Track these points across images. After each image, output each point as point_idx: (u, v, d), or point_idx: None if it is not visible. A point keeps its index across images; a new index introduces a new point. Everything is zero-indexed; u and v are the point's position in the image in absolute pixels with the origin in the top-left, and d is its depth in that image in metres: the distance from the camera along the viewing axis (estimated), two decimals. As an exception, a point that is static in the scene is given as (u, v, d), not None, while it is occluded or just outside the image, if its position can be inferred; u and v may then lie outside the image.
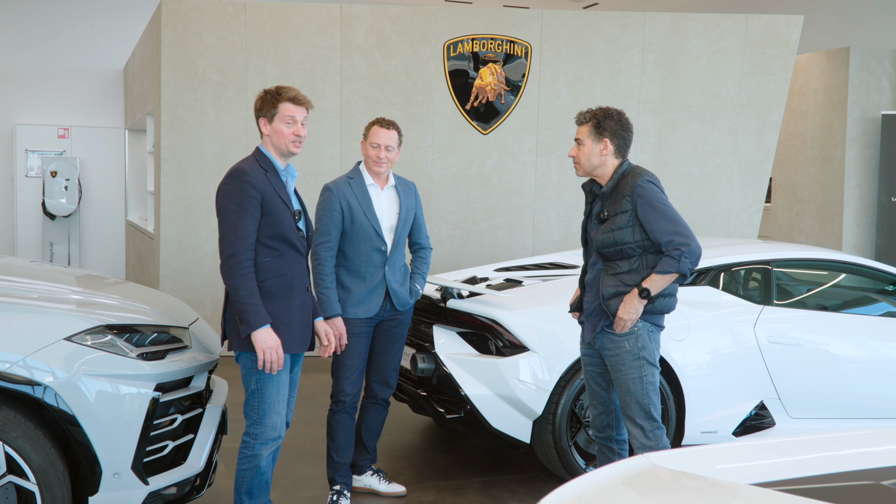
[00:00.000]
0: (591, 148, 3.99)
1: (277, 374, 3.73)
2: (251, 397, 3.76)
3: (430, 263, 4.81)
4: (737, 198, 8.90)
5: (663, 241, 3.82)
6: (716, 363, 5.10)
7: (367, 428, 4.75)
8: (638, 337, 3.92)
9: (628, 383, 3.94)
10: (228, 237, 3.63)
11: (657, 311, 3.94)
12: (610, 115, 4.00)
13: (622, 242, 3.90)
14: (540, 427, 4.82)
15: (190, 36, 8.00)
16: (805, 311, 5.50)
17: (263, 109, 3.75)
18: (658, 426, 3.95)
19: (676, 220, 3.85)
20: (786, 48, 8.75)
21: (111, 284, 4.58)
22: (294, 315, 3.77)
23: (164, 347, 3.76)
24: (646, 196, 3.87)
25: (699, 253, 3.86)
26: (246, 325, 3.61)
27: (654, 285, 3.84)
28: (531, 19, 8.54)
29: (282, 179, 3.78)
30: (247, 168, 3.69)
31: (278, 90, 3.75)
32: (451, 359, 4.89)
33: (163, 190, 8.13)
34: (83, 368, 3.44)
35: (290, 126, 3.74)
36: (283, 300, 3.73)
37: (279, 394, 3.75)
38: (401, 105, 8.37)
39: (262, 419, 3.74)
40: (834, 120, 10.79)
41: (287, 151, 3.76)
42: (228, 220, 3.64)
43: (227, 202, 3.65)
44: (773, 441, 2.34)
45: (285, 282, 3.74)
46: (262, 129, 3.77)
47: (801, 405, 5.29)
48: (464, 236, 8.61)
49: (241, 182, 3.65)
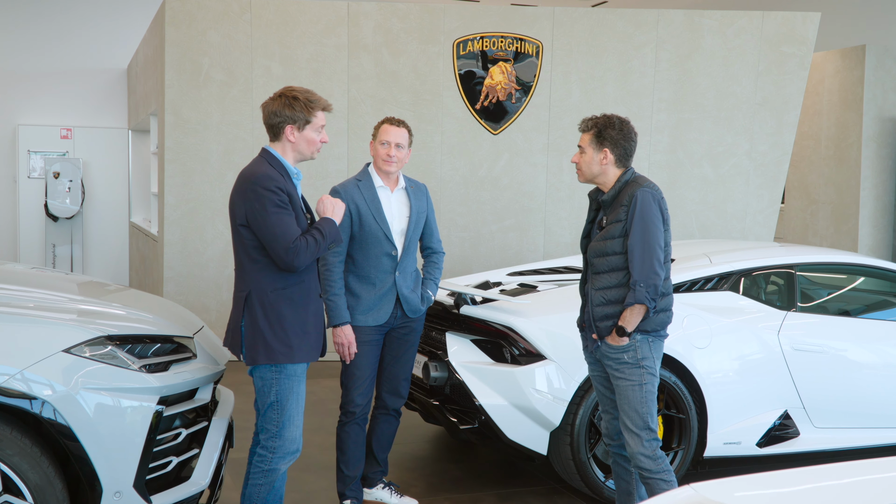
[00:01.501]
0: (591, 156, 3.94)
1: (297, 386, 3.61)
2: (269, 409, 3.61)
3: (442, 269, 4.64)
4: (752, 199, 8.72)
5: (633, 275, 3.77)
6: (739, 371, 4.93)
7: (378, 440, 4.58)
8: (637, 348, 3.86)
9: (627, 390, 3.86)
10: (282, 235, 3.46)
11: (653, 328, 3.86)
12: (612, 123, 3.92)
13: (612, 252, 3.85)
14: (557, 438, 4.66)
15: (194, 34, 7.85)
16: (830, 317, 5.33)
17: (294, 117, 3.58)
18: (655, 437, 3.86)
19: (653, 256, 3.76)
20: (802, 46, 8.58)
21: (113, 292, 4.42)
22: (310, 323, 3.64)
23: (168, 358, 3.61)
24: (641, 210, 3.79)
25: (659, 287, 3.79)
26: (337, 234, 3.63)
27: (627, 322, 3.80)
28: (542, 17, 8.37)
29: (294, 183, 3.65)
30: (272, 174, 3.54)
31: (309, 98, 3.60)
32: (464, 367, 4.73)
33: (167, 191, 7.98)
34: (82, 381, 3.28)
35: (319, 134, 3.65)
36: (301, 307, 3.60)
37: (299, 405, 3.63)
38: (409, 105, 8.21)
39: (281, 432, 3.60)
40: (849, 119, 10.61)
41: (310, 157, 3.69)
42: (273, 221, 3.48)
43: (265, 205, 3.48)
44: (826, 467, 2.16)
45: (303, 288, 3.61)
46: (288, 136, 3.60)
47: (826, 414, 5.12)
48: (473, 239, 8.45)
49: (270, 187, 3.50)
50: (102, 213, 12.25)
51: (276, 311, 3.55)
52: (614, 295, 3.85)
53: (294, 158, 3.65)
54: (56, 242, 11.94)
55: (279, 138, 3.62)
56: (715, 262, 5.26)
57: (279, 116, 3.59)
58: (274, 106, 3.60)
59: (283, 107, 3.58)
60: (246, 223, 3.53)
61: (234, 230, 3.60)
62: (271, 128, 3.63)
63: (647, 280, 3.74)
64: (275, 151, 3.63)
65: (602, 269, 3.89)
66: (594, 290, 3.92)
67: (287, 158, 3.63)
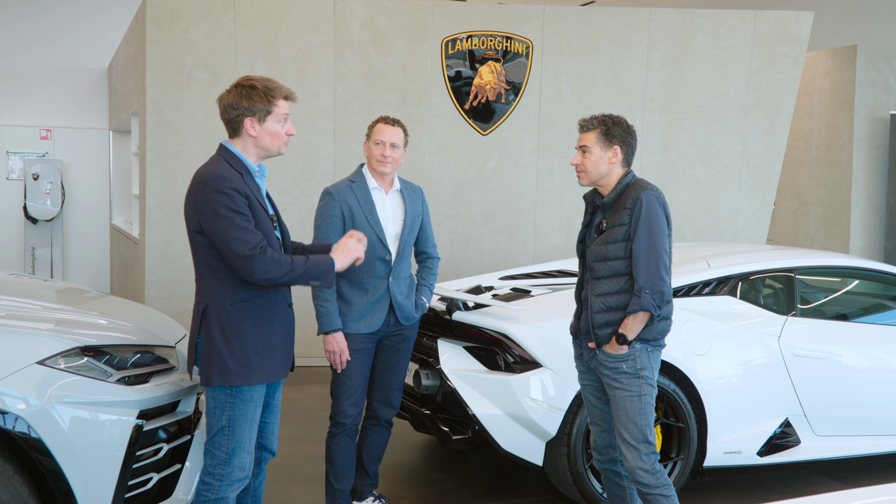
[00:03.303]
0: (599, 156, 3.77)
1: (253, 411, 3.28)
2: (219, 434, 3.25)
3: (437, 275, 4.48)
4: (745, 200, 8.61)
5: (638, 281, 3.63)
6: (739, 378, 4.80)
7: (369, 451, 4.42)
8: (636, 357, 3.71)
9: (625, 401, 3.70)
10: (239, 240, 3.11)
11: (652, 337, 3.72)
12: (619, 122, 3.80)
13: (614, 257, 3.70)
14: (554, 449, 4.51)
15: (176, 32, 7.66)
16: (830, 322, 5.22)
17: (253, 108, 3.24)
18: (653, 451, 3.71)
19: (659, 261, 3.63)
20: (796, 45, 8.47)
21: (91, 299, 4.24)
22: (276, 338, 3.31)
23: (148, 370, 3.44)
24: (647, 214, 3.65)
25: (667, 295, 3.66)
26: (326, 276, 3.26)
27: (629, 330, 3.66)
28: (532, 16, 8.23)
29: (257, 182, 3.32)
30: (226, 174, 3.18)
31: (268, 86, 3.26)
32: (457, 375, 4.58)
33: (148, 193, 7.78)
34: (57, 395, 3.11)
35: (283, 125, 3.30)
36: (265, 321, 3.27)
37: (251, 431, 3.29)
38: (397, 105, 8.05)
39: (231, 459, 3.26)
40: (840, 120, 10.52)
41: (277, 153, 3.34)
42: (229, 225, 3.12)
43: (219, 209, 3.13)
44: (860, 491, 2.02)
45: (268, 300, 3.28)
46: (248, 130, 3.26)
47: (827, 422, 5.01)
48: (462, 241, 8.30)
49: (226, 189, 3.15)
50: (83, 216, 12.03)
51: (235, 327, 3.22)
52: (615, 301, 3.70)
53: (257, 155, 3.32)
54: (35, 245, 11.71)
55: (238, 133, 3.29)
56: (713, 265, 5.13)
57: (237, 109, 3.25)
58: (230, 98, 3.27)
59: (239, 98, 3.24)
60: (200, 229, 3.20)
61: (189, 237, 3.26)
62: (229, 123, 3.29)
63: (654, 286, 3.60)
64: (233, 148, 3.29)
65: (603, 275, 3.73)
66: (594, 295, 3.76)
67: (248, 155, 3.30)
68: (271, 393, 3.48)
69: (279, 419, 3.56)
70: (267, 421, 3.47)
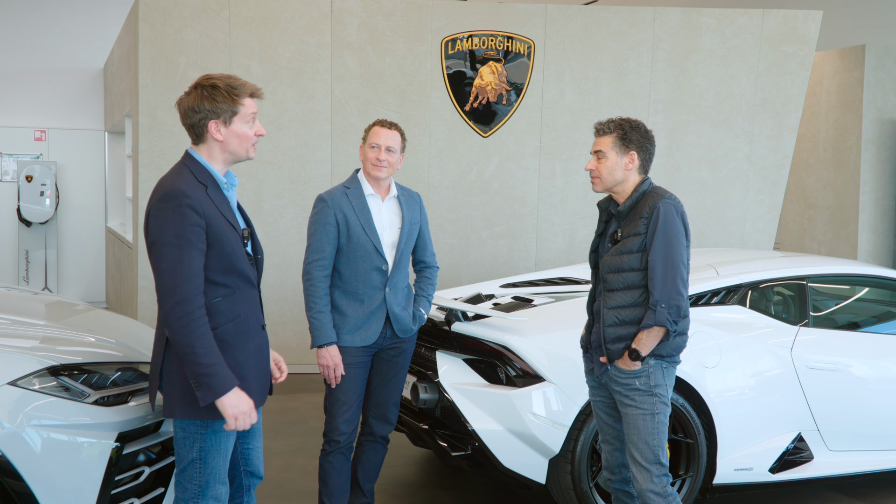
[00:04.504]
0: (615, 161, 3.60)
1: (227, 441, 3.00)
2: (190, 467, 2.98)
3: (436, 285, 4.29)
4: (752, 204, 8.42)
5: (654, 295, 3.46)
6: (751, 392, 4.61)
7: (364, 469, 4.23)
8: (650, 374, 3.53)
9: (637, 419, 3.53)
10: (172, 277, 2.80)
11: (668, 353, 3.55)
12: (636, 126, 3.63)
13: (629, 268, 3.53)
14: (557, 466, 4.32)
15: (169, 32, 7.48)
16: (844, 333, 5.04)
17: (216, 109, 2.94)
18: (665, 473, 3.54)
19: (676, 274, 3.46)
20: (804, 45, 8.28)
21: (79, 313, 4.08)
22: (250, 364, 3.02)
23: (129, 388, 3.26)
24: (665, 224, 3.48)
25: (685, 310, 3.51)
26: (208, 392, 2.80)
27: (643, 345, 3.48)
28: (534, 15, 8.04)
29: (224, 194, 3.01)
30: (184, 188, 2.87)
31: (231, 84, 2.97)
32: (456, 389, 4.39)
33: (141, 196, 7.61)
34: (30, 417, 2.93)
35: (252, 126, 3.01)
36: (237, 348, 2.98)
37: (225, 462, 3.03)
38: (396, 106, 7.86)
39: (204, 492, 2.99)
40: (848, 121, 10.33)
41: (246, 157, 3.05)
42: (169, 256, 2.82)
43: (166, 233, 2.82)
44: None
45: (240, 325, 2.98)
46: (214, 135, 2.96)
47: (841, 436, 4.82)
48: (463, 245, 8.11)
49: (181, 207, 2.84)
50: (78, 218, 11.84)
51: None
52: (629, 315, 3.52)
53: (225, 160, 3.02)
54: (29, 248, 11.53)
55: (203, 139, 2.98)
56: (722, 273, 4.94)
57: (199, 112, 2.94)
58: (190, 101, 2.96)
59: (201, 100, 2.94)
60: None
61: (149, 256, 2.93)
62: (192, 128, 2.98)
63: (670, 300, 3.41)
64: (198, 156, 2.99)
65: (616, 287, 3.55)
66: (606, 308, 3.58)
67: (215, 162, 3.00)
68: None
69: (262, 442, 3.32)
70: (250, 446, 3.23)
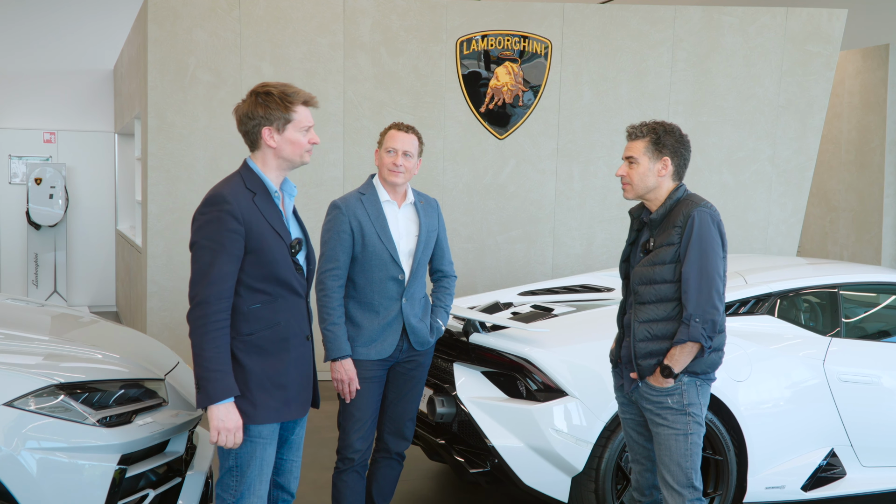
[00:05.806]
0: (647, 167, 3.44)
1: (263, 450, 2.96)
2: (227, 475, 2.97)
3: (454, 295, 4.11)
4: (775, 207, 8.22)
5: (688, 308, 3.28)
6: (782, 406, 4.42)
7: (379, 486, 4.06)
8: (683, 392, 3.36)
9: (669, 439, 3.35)
10: (199, 280, 2.86)
11: (702, 370, 3.37)
12: (671, 130, 3.47)
13: (661, 280, 3.36)
14: (580, 485, 4.14)
15: (179, 32, 7.34)
16: (877, 344, 4.84)
17: (270, 117, 2.97)
18: (699, 497, 3.36)
19: (712, 287, 3.29)
20: (828, 45, 8.08)
21: (84, 325, 3.92)
22: (290, 373, 3.01)
23: (133, 407, 3.11)
24: (700, 234, 3.31)
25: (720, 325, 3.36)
26: (203, 396, 2.81)
27: (676, 361, 3.31)
28: (551, 14, 7.87)
29: (275, 202, 3.03)
30: (227, 194, 2.92)
31: (285, 91, 3.00)
32: (474, 403, 4.22)
33: (150, 200, 7.46)
34: (27, 440, 2.78)
35: (306, 134, 3.02)
36: (275, 356, 2.97)
37: (262, 473, 2.98)
38: (409, 108, 7.70)
39: (238, 502, 2.97)
40: (872, 122, 10.11)
41: (300, 163, 3.07)
42: (201, 259, 2.87)
43: (202, 237, 2.89)
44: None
45: (279, 333, 2.98)
46: (267, 141, 2.99)
47: (874, 452, 4.64)
48: (478, 250, 7.94)
49: (221, 212, 2.87)
50: (87, 221, 11.73)
51: (239, 361, 2.92)
52: (661, 329, 3.33)
53: (279, 167, 3.04)
54: (39, 251, 11.43)
55: (257, 146, 3.02)
56: (750, 282, 4.75)
57: (253, 119, 2.99)
58: (245, 108, 3.01)
59: (255, 107, 2.98)
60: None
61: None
62: (247, 134, 3.03)
63: (704, 315, 3.22)
64: (252, 163, 3.04)
65: (648, 299, 3.37)
66: (637, 322, 3.40)
67: (269, 170, 3.03)
68: (290, 427, 3.14)
69: (301, 457, 3.21)
70: (285, 458, 3.14)
